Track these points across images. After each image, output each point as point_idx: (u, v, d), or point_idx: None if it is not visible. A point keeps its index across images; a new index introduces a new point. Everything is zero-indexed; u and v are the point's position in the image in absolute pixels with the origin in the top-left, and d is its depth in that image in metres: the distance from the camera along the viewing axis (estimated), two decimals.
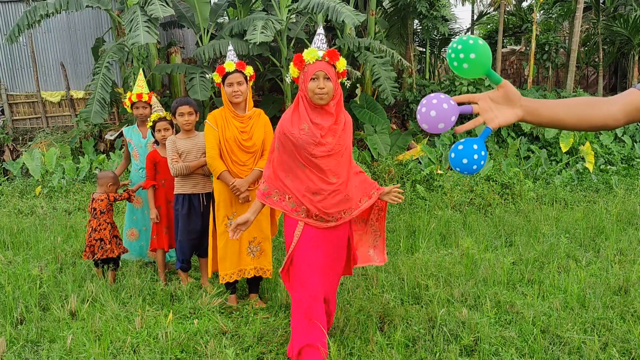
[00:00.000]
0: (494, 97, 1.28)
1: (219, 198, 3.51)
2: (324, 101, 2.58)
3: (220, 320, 3.28)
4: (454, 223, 5.34)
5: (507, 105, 1.27)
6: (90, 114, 7.79)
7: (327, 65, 2.61)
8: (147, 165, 4.03)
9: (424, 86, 9.90)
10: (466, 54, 1.24)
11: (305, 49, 2.68)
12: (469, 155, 1.26)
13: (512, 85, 1.27)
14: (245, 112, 3.48)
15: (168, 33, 11.22)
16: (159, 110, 4.04)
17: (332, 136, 2.62)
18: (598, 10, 11.51)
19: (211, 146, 3.44)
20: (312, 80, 2.56)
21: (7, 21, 10.59)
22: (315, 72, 2.55)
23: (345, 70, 2.71)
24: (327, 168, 2.61)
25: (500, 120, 1.26)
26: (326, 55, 2.63)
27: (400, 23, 10.79)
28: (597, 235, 4.88)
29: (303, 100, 2.64)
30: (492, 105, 1.28)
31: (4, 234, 5.36)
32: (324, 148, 2.59)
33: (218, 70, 3.42)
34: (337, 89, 2.63)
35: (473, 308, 3.42)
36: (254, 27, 7.21)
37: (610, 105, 1.29)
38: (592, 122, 1.29)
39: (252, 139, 3.47)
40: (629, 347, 2.87)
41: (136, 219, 4.45)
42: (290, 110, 2.71)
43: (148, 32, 7.02)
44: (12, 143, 9.93)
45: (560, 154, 8.12)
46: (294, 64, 2.66)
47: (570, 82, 10.35)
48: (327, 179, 2.62)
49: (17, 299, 3.65)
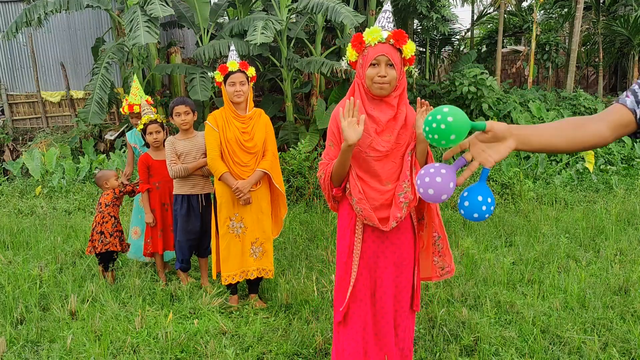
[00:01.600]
0: (483, 138, 1.28)
1: (221, 199, 3.47)
2: (384, 91, 2.18)
3: (220, 320, 3.28)
4: (454, 223, 5.34)
5: (498, 142, 1.28)
6: (88, 115, 7.80)
7: (391, 48, 2.18)
8: (139, 169, 4.01)
9: (424, 86, 9.90)
10: (444, 118, 1.25)
11: (366, 29, 2.26)
12: (477, 209, 1.28)
13: (497, 123, 1.27)
14: (246, 112, 3.46)
15: (168, 33, 11.22)
16: (149, 113, 4.01)
17: (389, 133, 2.24)
18: (598, 10, 11.52)
19: (212, 147, 3.41)
20: (371, 66, 2.17)
21: (7, 21, 10.59)
22: (377, 56, 2.15)
23: (413, 57, 2.27)
24: (382, 171, 2.25)
25: (495, 157, 1.27)
26: (391, 36, 2.18)
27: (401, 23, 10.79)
28: (597, 235, 4.88)
29: (359, 89, 2.26)
30: (483, 146, 1.29)
31: (4, 234, 5.36)
32: (380, 147, 2.23)
33: (220, 69, 3.39)
34: (401, 79, 2.23)
35: (473, 308, 3.42)
36: (254, 28, 7.20)
37: (596, 124, 1.31)
38: (582, 144, 1.31)
39: (253, 140, 3.45)
40: (629, 347, 2.87)
41: (141, 218, 4.44)
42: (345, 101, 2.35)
43: (148, 32, 7.01)
44: (12, 143, 9.93)
45: (560, 154, 8.12)
46: (352, 45, 2.24)
47: (570, 82, 10.35)
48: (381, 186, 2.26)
49: (17, 299, 3.65)
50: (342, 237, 2.38)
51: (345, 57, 2.32)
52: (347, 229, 2.34)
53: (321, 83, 9.40)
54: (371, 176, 2.25)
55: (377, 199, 2.24)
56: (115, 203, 4.09)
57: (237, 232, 3.48)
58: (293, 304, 3.54)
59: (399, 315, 2.37)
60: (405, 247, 2.34)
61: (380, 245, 2.31)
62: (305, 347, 2.97)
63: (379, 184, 2.25)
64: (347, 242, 2.33)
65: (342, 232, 2.38)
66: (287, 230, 5.24)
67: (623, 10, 11.61)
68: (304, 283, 3.80)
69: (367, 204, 2.23)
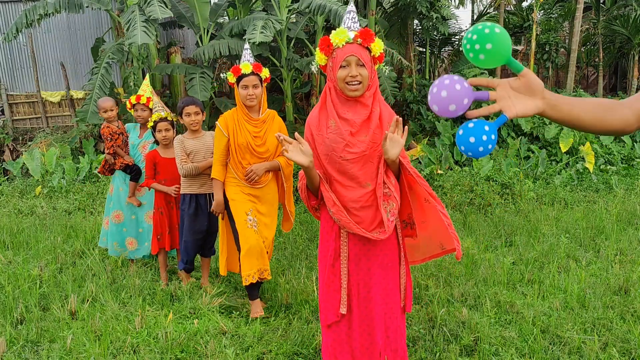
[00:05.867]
0: (515, 85, 1.19)
1: (233, 196, 3.37)
2: (358, 92, 2.16)
3: (220, 320, 3.28)
4: (454, 223, 5.34)
5: (528, 95, 1.19)
6: (87, 114, 7.80)
7: (360, 48, 2.16)
8: (146, 165, 4.00)
9: (424, 86, 9.90)
10: (482, 45, 1.15)
11: (333, 31, 2.22)
12: (477, 135, 1.17)
13: (534, 75, 1.18)
14: (259, 115, 3.36)
15: (168, 33, 11.22)
16: (160, 110, 3.99)
17: (365, 133, 2.19)
18: (598, 10, 11.52)
19: (216, 150, 3.36)
20: (342, 68, 2.14)
21: (7, 21, 10.59)
22: (346, 57, 2.13)
23: (382, 54, 2.23)
24: (360, 173, 2.21)
25: (518, 109, 1.18)
26: (358, 36, 2.17)
27: (400, 23, 10.79)
28: (597, 235, 4.88)
29: (331, 92, 2.23)
30: (511, 93, 1.19)
31: (4, 234, 5.36)
32: (355, 149, 2.19)
33: (233, 71, 3.29)
34: (373, 77, 2.21)
35: (473, 308, 3.42)
36: (253, 27, 7.21)
37: (625, 110, 1.25)
38: (608, 127, 1.25)
39: (265, 145, 3.33)
40: (629, 347, 2.87)
41: (112, 207, 4.37)
42: (318, 107, 2.31)
43: (145, 32, 7.01)
44: (12, 143, 9.93)
45: (560, 154, 8.11)
46: (320, 48, 2.22)
47: (570, 82, 10.35)
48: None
49: (17, 299, 3.65)
50: (326, 240, 2.36)
51: (315, 61, 2.33)
52: (331, 232, 2.32)
53: (321, 83, 9.41)
54: (349, 179, 2.22)
55: (358, 200, 2.21)
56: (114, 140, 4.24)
57: (255, 228, 3.35)
58: (293, 304, 3.54)
59: (389, 317, 2.36)
60: (390, 249, 2.32)
61: (362, 247, 2.29)
62: (305, 347, 2.97)
63: (358, 185, 2.22)
64: (333, 246, 2.31)
65: (325, 236, 2.37)
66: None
67: (623, 10, 11.61)
68: (304, 283, 3.80)
69: (344, 213, 2.21)
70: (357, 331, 2.34)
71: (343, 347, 2.36)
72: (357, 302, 2.33)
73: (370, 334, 2.33)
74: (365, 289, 2.32)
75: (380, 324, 2.33)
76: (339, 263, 2.31)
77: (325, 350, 2.42)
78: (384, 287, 2.32)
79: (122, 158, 4.23)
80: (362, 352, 2.35)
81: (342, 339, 2.36)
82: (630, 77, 11.30)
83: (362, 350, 2.35)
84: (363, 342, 2.34)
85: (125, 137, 4.32)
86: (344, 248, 2.30)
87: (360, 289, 2.32)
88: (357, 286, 2.32)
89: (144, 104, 4.21)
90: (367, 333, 2.34)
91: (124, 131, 4.33)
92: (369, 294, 2.32)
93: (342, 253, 2.30)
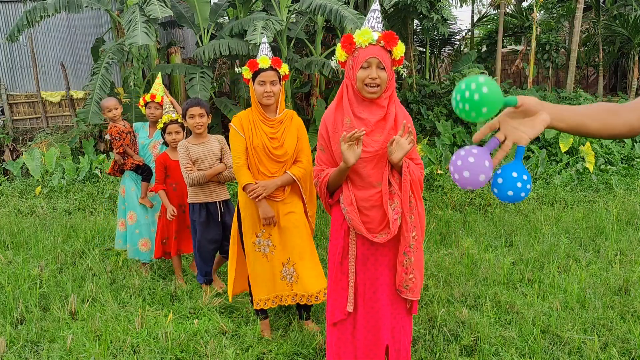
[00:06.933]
0: (514, 115, 1.19)
1: (245, 212, 3.03)
2: (375, 95, 2.17)
3: (220, 320, 3.28)
4: (454, 223, 5.34)
5: (529, 116, 1.18)
6: (88, 115, 7.80)
7: (382, 50, 2.16)
8: (157, 169, 3.89)
9: (424, 86, 9.90)
10: (477, 111, 1.14)
11: (356, 30, 2.22)
12: (512, 186, 1.17)
13: (528, 98, 1.18)
14: (276, 115, 3.00)
15: (168, 33, 11.22)
16: (171, 112, 3.85)
17: (379, 133, 2.20)
18: (598, 10, 11.52)
19: (237, 155, 2.96)
20: (362, 69, 2.15)
21: (7, 21, 10.60)
22: (368, 58, 2.13)
23: (402, 57, 2.24)
24: (373, 172, 2.22)
25: (530, 134, 1.17)
26: (382, 38, 2.17)
27: (401, 23, 10.78)
28: (597, 235, 4.88)
29: (348, 90, 2.24)
30: (514, 123, 1.18)
31: (4, 234, 5.36)
32: (369, 148, 2.18)
33: (249, 65, 2.93)
34: (391, 80, 2.22)
35: (473, 308, 3.42)
36: (254, 28, 7.21)
37: (629, 114, 1.24)
38: (613, 130, 1.24)
39: (283, 147, 2.97)
40: (629, 347, 2.87)
41: (124, 209, 4.34)
42: (334, 104, 2.28)
43: (146, 33, 7.01)
44: (12, 143, 9.93)
45: (560, 154, 8.11)
46: (342, 45, 2.21)
47: (570, 82, 10.35)
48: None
49: (17, 299, 3.65)
50: (335, 238, 2.38)
51: (335, 56, 2.32)
52: (340, 230, 2.34)
53: (321, 83, 9.41)
54: (362, 178, 2.25)
55: (368, 199, 2.24)
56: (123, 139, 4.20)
57: (264, 251, 3.01)
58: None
59: (394, 317, 2.36)
60: (397, 250, 2.32)
61: (370, 247, 2.30)
62: (305, 347, 2.97)
63: (370, 185, 2.25)
64: (342, 243, 2.33)
65: (335, 233, 2.38)
66: None
67: (623, 10, 11.61)
68: None
69: (356, 214, 2.24)
70: (362, 331, 2.35)
71: (347, 346, 2.38)
72: (363, 302, 2.34)
73: (375, 334, 2.34)
74: (372, 289, 2.32)
75: (386, 324, 2.34)
76: (347, 261, 2.33)
77: (329, 348, 2.43)
78: (390, 288, 2.33)
79: (132, 158, 4.18)
80: (365, 352, 2.36)
81: (346, 338, 2.38)
82: (630, 77, 11.29)
83: (365, 350, 2.36)
84: (367, 342, 2.35)
85: (133, 136, 4.27)
86: (352, 247, 2.31)
87: (367, 289, 2.33)
88: (364, 286, 2.33)
89: (158, 102, 4.15)
90: (371, 333, 2.35)
91: (131, 130, 4.28)
92: (375, 294, 2.32)
93: (350, 252, 2.32)
